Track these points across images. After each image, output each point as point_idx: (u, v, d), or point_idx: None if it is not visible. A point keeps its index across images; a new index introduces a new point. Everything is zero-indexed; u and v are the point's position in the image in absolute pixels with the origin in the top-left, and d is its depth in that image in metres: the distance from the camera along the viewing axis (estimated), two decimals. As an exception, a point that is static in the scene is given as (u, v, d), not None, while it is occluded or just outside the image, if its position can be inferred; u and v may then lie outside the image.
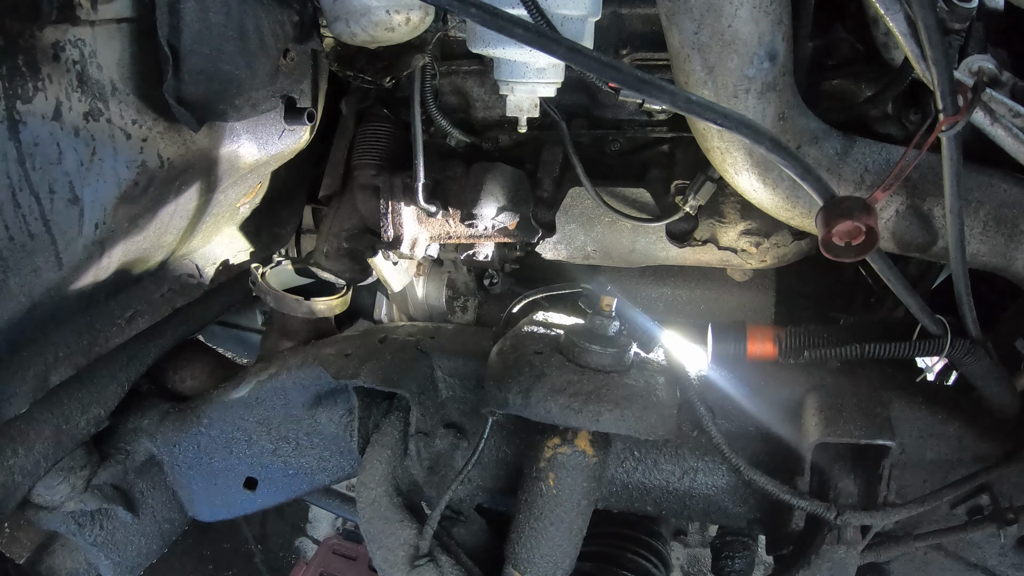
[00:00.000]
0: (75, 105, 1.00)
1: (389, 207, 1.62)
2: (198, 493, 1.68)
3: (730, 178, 1.31)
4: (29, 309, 1.07)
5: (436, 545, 1.38)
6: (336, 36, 1.22)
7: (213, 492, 1.68)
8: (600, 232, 1.62)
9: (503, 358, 1.37)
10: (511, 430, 1.52)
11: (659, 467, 1.46)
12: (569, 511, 1.34)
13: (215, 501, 1.69)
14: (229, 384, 1.67)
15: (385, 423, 1.50)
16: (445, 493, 1.38)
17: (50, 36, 0.95)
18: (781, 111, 1.20)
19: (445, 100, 1.70)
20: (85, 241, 1.10)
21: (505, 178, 1.62)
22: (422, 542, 1.36)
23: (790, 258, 1.59)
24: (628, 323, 1.36)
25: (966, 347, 1.24)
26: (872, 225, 0.96)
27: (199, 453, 1.64)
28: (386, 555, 1.38)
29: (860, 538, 1.29)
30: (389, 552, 1.38)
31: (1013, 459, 1.28)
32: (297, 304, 1.72)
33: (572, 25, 1.13)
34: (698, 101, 0.86)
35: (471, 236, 1.68)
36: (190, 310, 1.64)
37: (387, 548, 1.39)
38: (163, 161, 1.16)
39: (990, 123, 1.10)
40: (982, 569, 1.38)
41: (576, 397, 1.26)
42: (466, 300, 1.91)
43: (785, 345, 1.40)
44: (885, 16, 1.00)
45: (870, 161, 1.27)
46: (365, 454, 1.48)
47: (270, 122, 1.37)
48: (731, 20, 1.07)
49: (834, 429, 1.27)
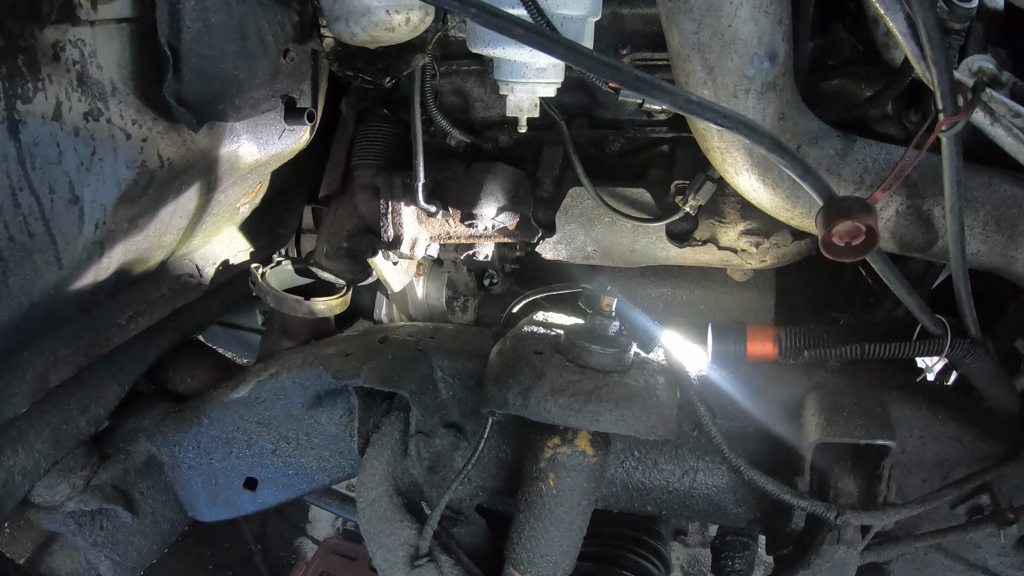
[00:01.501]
0: (75, 105, 1.00)
1: (389, 207, 1.62)
2: (198, 493, 1.68)
3: (730, 178, 1.31)
4: (29, 309, 1.07)
5: (436, 545, 1.38)
6: (336, 36, 1.22)
7: (213, 492, 1.68)
8: (600, 232, 1.62)
9: (503, 358, 1.37)
10: (511, 430, 1.52)
11: (659, 467, 1.46)
12: (569, 511, 1.34)
13: (215, 501, 1.69)
14: (229, 384, 1.67)
15: (385, 423, 1.50)
16: (445, 493, 1.38)
17: (50, 36, 0.95)
18: (781, 111, 1.20)
19: (445, 100, 1.70)
20: (85, 241, 1.10)
21: (505, 178, 1.62)
22: (422, 542, 1.36)
23: (790, 258, 1.59)
24: (628, 323, 1.36)
25: (966, 347, 1.24)
26: (872, 225, 0.96)
27: (199, 453, 1.63)
28: (386, 555, 1.38)
29: (860, 538, 1.29)
30: (389, 552, 1.38)
31: (1013, 459, 1.28)
32: (297, 304, 1.72)
33: (572, 25, 1.13)
34: (698, 101, 0.86)
35: (471, 236, 1.68)
36: (190, 310, 1.64)
37: (387, 548, 1.39)
38: (163, 161, 1.16)
39: (990, 123, 1.10)
40: (982, 569, 1.38)
41: (576, 397, 1.26)
42: (466, 300, 1.91)
43: (785, 345, 1.40)
44: (885, 16, 1.00)
45: (870, 161, 1.27)
46: (365, 454, 1.48)
47: (270, 122, 1.37)
48: (731, 20, 1.07)
49: (834, 429, 1.27)
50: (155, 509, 1.63)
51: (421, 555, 1.36)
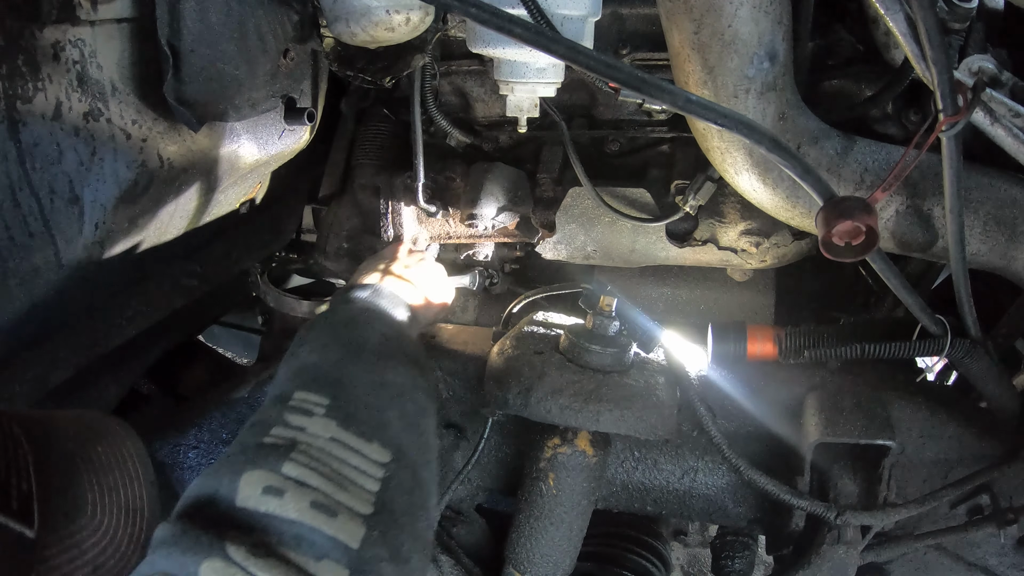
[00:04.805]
0: (75, 105, 1.00)
1: (389, 207, 1.62)
2: (198, 493, 1.68)
3: (730, 178, 1.31)
4: (29, 309, 1.07)
5: (436, 545, 1.38)
6: (336, 36, 1.22)
7: (213, 492, 1.67)
8: (600, 232, 1.62)
9: (503, 358, 1.37)
10: (511, 430, 1.52)
11: (659, 467, 1.46)
12: (569, 511, 1.34)
13: (215, 501, 1.69)
14: (229, 384, 1.67)
15: (385, 423, 1.50)
16: (445, 493, 1.38)
17: (50, 36, 0.94)
18: (781, 111, 1.20)
19: (445, 100, 1.70)
20: (85, 241, 1.10)
21: (505, 178, 1.62)
22: (422, 542, 1.36)
23: (790, 258, 1.59)
24: (628, 323, 1.36)
25: (966, 347, 1.24)
26: (872, 225, 0.96)
27: (199, 453, 1.63)
28: (386, 555, 1.38)
29: (860, 538, 1.29)
30: (389, 552, 1.38)
31: (1013, 459, 1.28)
32: (297, 304, 1.72)
33: (572, 25, 1.13)
34: (698, 101, 0.86)
35: (471, 236, 1.68)
36: (190, 310, 1.64)
37: (387, 548, 1.38)
38: (163, 161, 1.16)
39: (990, 123, 1.10)
40: (982, 569, 1.38)
41: (576, 397, 1.26)
42: (466, 300, 1.91)
43: (785, 345, 1.40)
44: (885, 16, 1.00)
45: (870, 161, 1.27)
46: (365, 454, 1.48)
47: (270, 122, 1.37)
48: (731, 20, 1.07)
49: (834, 429, 1.27)
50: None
51: (421, 555, 1.36)
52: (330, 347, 1.07)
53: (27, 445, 0.73)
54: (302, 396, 0.93)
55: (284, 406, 0.92)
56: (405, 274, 1.40)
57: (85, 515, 0.77)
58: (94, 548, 0.76)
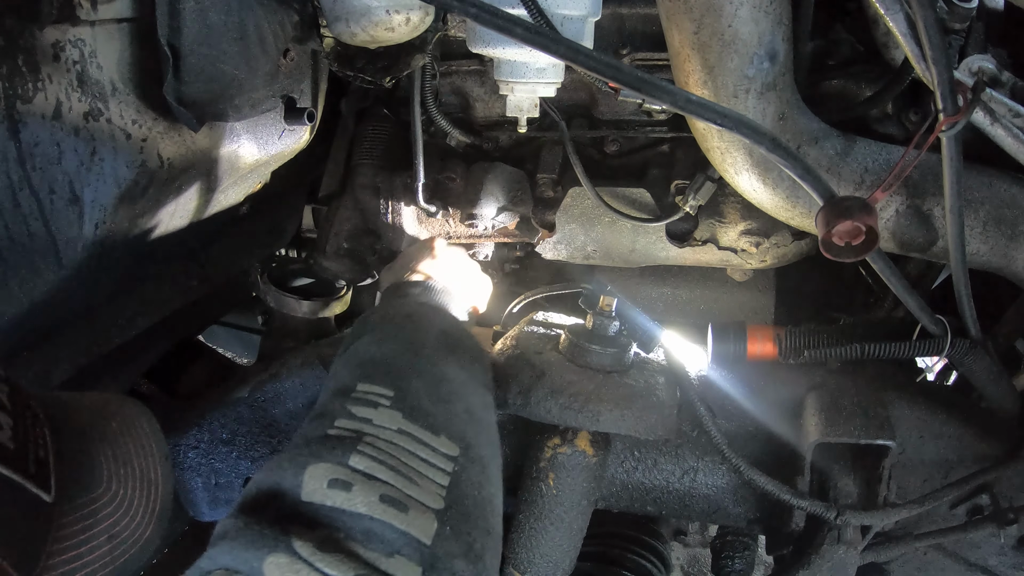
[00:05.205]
0: (75, 105, 1.00)
1: (389, 207, 1.62)
2: (198, 493, 1.67)
3: (730, 178, 1.31)
4: (29, 309, 1.07)
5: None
6: (336, 36, 1.22)
7: (213, 492, 1.67)
8: (600, 232, 1.62)
9: (503, 358, 1.37)
10: (511, 430, 1.51)
11: (659, 467, 1.46)
12: (569, 511, 1.34)
13: (215, 501, 1.69)
14: (229, 384, 1.67)
15: (385, 423, 1.50)
16: (445, 493, 1.38)
17: (50, 36, 0.94)
18: (781, 111, 1.20)
19: (445, 100, 1.70)
20: (85, 241, 1.10)
21: (505, 178, 1.62)
22: (422, 542, 1.36)
23: (790, 258, 1.59)
24: (628, 323, 1.36)
25: (966, 347, 1.24)
26: (872, 225, 0.96)
27: (199, 453, 1.63)
28: (386, 555, 1.38)
29: (860, 538, 1.29)
30: (389, 552, 1.38)
31: (1013, 459, 1.28)
32: (297, 304, 1.72)
33: (572, 25, 1.13)
34: (698, 101, 0.86)
35: (471, 236, 1.68)
36: (190, 310, 1.64)
37: (387, 548, 1.38)
38: (163, 161, 1.16)
39: (990, 123, 1.10)
40: (982, 569, 1.38)
41: (576, 397, 1.26)
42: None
43: (785, 345, 1.40)
44: (885, 16, 1.00)
45: (870, 161, 1.27)
46: (365, 454, 1.48)
47: (270, 122, 1.37)
48: (731, 20, 1.07)
49: (834, 429, 1.27)
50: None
51: (421, 555, 1.36)
52: (390, 341, 1.04)
53: (43, 418, 0.73)
54: (366, 388, 0.90)
55: (347, 398, 0.89)
56: (448, 271, 1.39)
57: (101, 486, 0.77)
58: (109, 518, 0.76)
